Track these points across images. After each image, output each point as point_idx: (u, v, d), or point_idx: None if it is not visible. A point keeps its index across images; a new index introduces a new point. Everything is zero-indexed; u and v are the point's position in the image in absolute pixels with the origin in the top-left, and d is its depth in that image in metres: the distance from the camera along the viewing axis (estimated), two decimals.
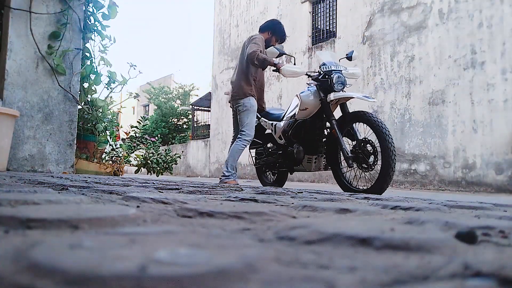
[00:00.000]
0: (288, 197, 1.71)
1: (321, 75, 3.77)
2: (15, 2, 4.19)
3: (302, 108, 3.86)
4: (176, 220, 0.86)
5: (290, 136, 4.01)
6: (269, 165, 4.48)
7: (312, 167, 3.95)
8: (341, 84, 3.68)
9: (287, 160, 4.10)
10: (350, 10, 9.75)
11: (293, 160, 3.99)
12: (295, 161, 3.98)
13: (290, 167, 4.13)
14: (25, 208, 0.83)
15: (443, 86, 7.63)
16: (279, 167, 4.33)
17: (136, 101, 24.01)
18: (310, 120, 3.88)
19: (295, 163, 4.00)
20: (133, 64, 5.41)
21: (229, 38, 14.29)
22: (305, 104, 3.83)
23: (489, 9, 7.05)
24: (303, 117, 3.91)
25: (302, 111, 3.86)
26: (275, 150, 4.34)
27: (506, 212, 1.31)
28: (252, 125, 4.12)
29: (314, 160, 3.93)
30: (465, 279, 0.43)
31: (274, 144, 4.42)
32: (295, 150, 3.95)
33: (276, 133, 4.23)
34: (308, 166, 3.96)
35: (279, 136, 4.19)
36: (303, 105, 3.85)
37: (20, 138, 4.15)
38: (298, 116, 3.92)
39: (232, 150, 4.11)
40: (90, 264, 0.39)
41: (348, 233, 0.62)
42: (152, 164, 5.26)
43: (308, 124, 3.89)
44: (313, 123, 3.87)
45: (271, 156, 4.38)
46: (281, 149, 4.23)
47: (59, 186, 1.75)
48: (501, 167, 6.69)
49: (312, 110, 3.82)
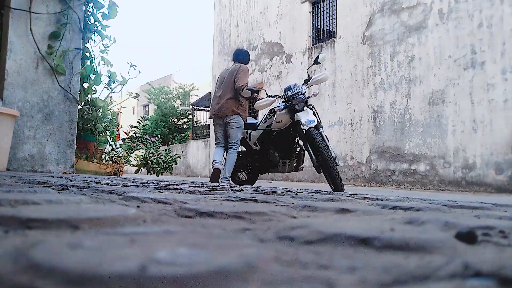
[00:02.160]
0: (288, 197, 1.71)
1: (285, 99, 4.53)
2: (15, 2, 4.19)
3: (278, 121, 4.58)
4: (176, 220, 0.86)
5: (269, 143, 4.72)
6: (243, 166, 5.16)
7: (286, 169, 4.75)
8: (302, 104, 4.37)
9: (264, 163, 4.83)
10: (350, 10, 9.76)
11: (270, 163, 4.72)
12: (272, 164, 4.71)
13: (266, 169, 4.84)
14: (25, 208, 0.83)
15: (443, 86, 7.63)
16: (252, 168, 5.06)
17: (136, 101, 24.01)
18: (285, 130, 4.61)
19: (271, 165, 4.74)
20: (133, 64, 5.41)
21: (229, 38, 14.29)
22: (280, 118, 4.56)
23: (489, 9, 7.05)
24: (278, 128, 4.64)
25: (278, 123, 4.60)
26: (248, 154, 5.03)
27: (506, 212, 1.31)
28: (239, 139, 4.85)
29: (288, 163, 4.72)
30: (465, 279, 0.43)
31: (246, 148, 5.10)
32: (272, 155, 4.68)
33: (251, 140, 4.95)
34: (283, 169, 4.75)
35: (254, 143, 4.92)
36: (278, 118, 4.58)
37: (20, 138, 4.15)
38: (274, 127, 4.65)
39: (229, 159, 4.77)
40: (90, 264, 0.39)
41: (348, 233, 0.62)
42: (152, 164, 5.26)
43: (283, 134, 4.62)
44: (287, 133, 4.61)
45: (245, 159, 5.04)
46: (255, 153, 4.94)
47: (59, 186, 1.75)
48: (501, 167, 6.69)
49: (286, 123, 4.54)
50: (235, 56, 5.23)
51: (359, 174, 9.11)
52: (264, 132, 4.77)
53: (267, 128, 4.74)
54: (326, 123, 10.08)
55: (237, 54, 5.23)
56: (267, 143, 4.73)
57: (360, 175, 9.08)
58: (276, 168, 4.73)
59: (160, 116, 20.25)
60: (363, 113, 9.16)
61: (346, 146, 9.50)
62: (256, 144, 4.90)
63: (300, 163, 4.84)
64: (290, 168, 4.75)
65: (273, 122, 4.64)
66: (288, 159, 4.69)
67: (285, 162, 4.70)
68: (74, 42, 4.59)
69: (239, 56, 5.18)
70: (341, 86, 9.80)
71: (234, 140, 4.78)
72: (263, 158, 4.80)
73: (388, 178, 8.44)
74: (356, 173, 9.18)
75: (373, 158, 8.80)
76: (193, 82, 22.20)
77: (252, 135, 4.93)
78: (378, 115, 8.80)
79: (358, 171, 9.14)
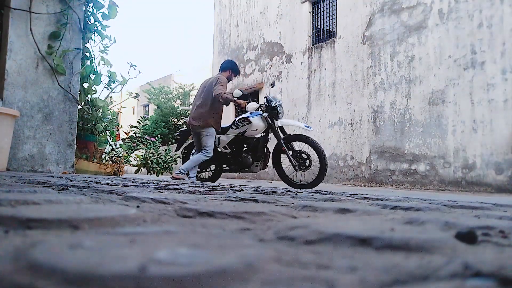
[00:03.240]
0: (288, 197, 1.72)
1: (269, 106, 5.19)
2: (15, 2, 4.19)
3: (253, 129, 5.22)
4: (176, 220, 0.86)
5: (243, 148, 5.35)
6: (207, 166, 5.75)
7: (258, 169, 5.39)
8: (282, 114, 5.28)
9: (236, 165, 5.40)
10: (350, 10, 9.75)
11: (243, 165, 5.32)
12: (244, 165, 5.31)
13: (237, 170, 5.43)
14: (25, 208, 0.83)
15: (443, 86, 7.63)
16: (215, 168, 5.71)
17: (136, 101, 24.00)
18: (260, 137, 5.28)
19: (244, 167, 5.34)
20: (133, 64, 5.41)
21: (229, 38, 14.29)
22: (256, 126, 5.21)
23: (489, 9, 7.05)
24: (252, 135, 5.28)
25: (253, 131, 5.23)
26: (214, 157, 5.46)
27: (506, 212, 1.31)
28: (212, 145, 5.28)
29: (259, 164, 5.36)
30: (465, 279, 0.43)
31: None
32: (245, 158, 5.27)
33: (220, 144, 5.46)
34: (255, 169, 5.36)
35: (224, 146, 5.46)
36: (254, 127, 5.21)
37: (20, 138, 4.15)
38: (248, 134, 5.27)
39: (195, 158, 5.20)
40: (90, 264, 0.39)
41: (348, 233, 0.62)
42: (152, 164, 5.27)
43: (258, 140, 5.29)
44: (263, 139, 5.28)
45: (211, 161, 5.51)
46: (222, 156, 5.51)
47: (59, 186, 1.75)
48: (501, 167, 6.69)
49: (260, 130, 5.25)
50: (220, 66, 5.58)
51: (359, 174, 9.11)
52: (236, 138, 5.36)
53: (239, 134, 5.33)
54: (326, 123, 10.08)
55: (221, 64, 5.59)
56: (241, 147, 5.37)
57: (360, 175, 9.08)
58: (249, 168, 5.36)
59: (160, 116, 20.24)
60: (363, 113, 9.16)
61: (346, 146, 9.50)
62: (226, 148, 5.47)
63: (267, 162, 5.50)
64: (259, 168, 5.42)
65: (248, 129, 5.24)
66: (259, 161, 5.35)
67: (257, 164, 5.34)
68: (74, 42, 4.59)
69: (221, 66, 5.54)
70: (341, 86, 9.80)
71: (207, 145, 5.22)
72: (235, 160, 5.40)
73: (388, 178, 8.45)
74: (356, 173, 9.18)
75: (373, 158, 8.80)
76: (193, 82, 22.17)
77: (221, 140, 5.46)
78: (378, 115, 8.80)
79: (358, 171, 9.14)
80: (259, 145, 5.27)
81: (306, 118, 10.68)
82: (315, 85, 10.51)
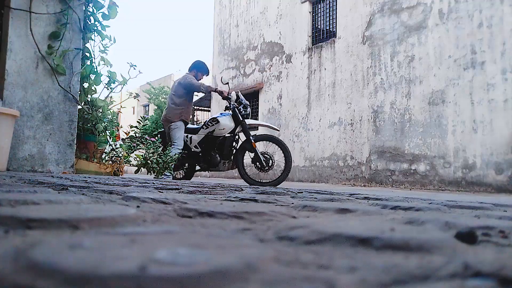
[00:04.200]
0: (288, 197, 1.72)
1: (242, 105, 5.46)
2: (15, 2, 4.19)
3: (221, 128, 5.40)
4: (176, 220, 0.86)
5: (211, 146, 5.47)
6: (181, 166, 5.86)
7: (226, 168, 5.51)
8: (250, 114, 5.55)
9: (206, 163, 5.53)
10: (350, 10, 9.76)
11: (212, 164, 5.44)
12: (213, 164, 5.43)
13: (207, 168, 5.54)
14: (25, 208, 0.83)
15: (443, 86, 7.63)
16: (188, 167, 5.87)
17: (136, 101, 23.99)
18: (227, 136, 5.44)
19: (213, 165, 5.45)
20: (133, 64, 5.40)
21: (229, 38, 14.29)
22: (223, 125, 5.40)
23: (489, 9, 7.05)
24: (220, 134, 5.43)
25: (221, 130, 5.40)
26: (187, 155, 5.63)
27: (506, 212, 1.31)
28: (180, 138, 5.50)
29: (227, 163, 5.49)
30: (465, 279, 0.43)
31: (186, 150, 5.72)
32: (213, 157, 5.41)
33: (191, 143, 5.62)
34: (223, 168, 5.50)
35: (195, 146, 5.60)
36: (221, 126, 5.39)
37: (20, 138, 4.15)
38: (216, 133, 5.43)
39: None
40: (90, 264, 0.39)
41: (348, 233, 0.62)
42: (152, 164, 5.27)
43: (224, 139, 5.44)
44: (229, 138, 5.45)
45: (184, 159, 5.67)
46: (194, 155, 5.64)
47: (59, 186, 1.75)
48: (501, 167, 6.69)
49: (228, 130, 5.41)
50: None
51: (359, 174, 9.11)
52: (206, 137, 5.53)
53: (209, 134, 5.51)
54: (326, 123, 10.08)
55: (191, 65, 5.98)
56: (210, 147, 5.51)
57: (360, 175, 9.08)
58: (217, 167, 5.50)
59: (160, 116, 20.24)
60: (363, 113, 9.16)
61: (346, 146, 9.50)
62: (196, 147, 5.62)
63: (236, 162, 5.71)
64: (228, 167, 5.54)
65: (216, 129, 5.42)
66: (227, 160, 5.48)
67: (225, 163, 5.49)
68: (74, 42, 4.59)
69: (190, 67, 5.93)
70: (341, 86, 9.80)
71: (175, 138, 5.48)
72: (205, 159, 5.54)
73: (388, 178, 8.44)
74: (356, 173, 9.18)
75: (373, 158, 8.80)
76: None
77: (193, 139, 5.63)
78: (378, 115, 8.80)
79: (358, 171, 9.14)
80: (226, 144, 5.43)
81: (306, 118, 10.68)
82: (315, 85, 10.51)
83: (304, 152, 10.59)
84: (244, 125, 5.37)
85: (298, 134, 10.85)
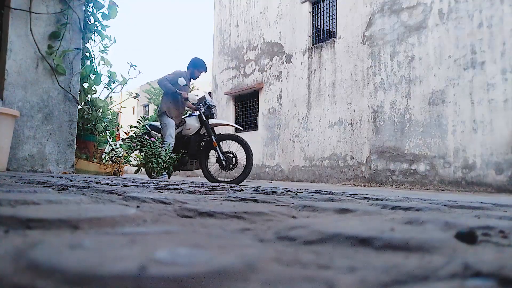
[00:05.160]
0: (288, 197, 1.72)
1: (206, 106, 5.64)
2: (15, 2, 4.19)
3: (187, 128, 5.65)
4: (176, 220, 0.86)
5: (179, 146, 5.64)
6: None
7: (194, 167, 5.70)
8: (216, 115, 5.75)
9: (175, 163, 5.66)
10: (350, 10, 9.75)
11: (181, 163, 5.56)
12: (182, 163, 5.58)
13: (177, 167, 5.64)
14: (25, 208, 0.83)
15: (443, 86, 7.63)
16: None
17: (136, 101, 23.99)
18: (193, 136, 5.66)
19: (181, 164, 5.59)
20: (133, 64, 5.41)
21: (229, 38, 14.29)
22: (189, 125, 5.65)
23: (489, 9, 7.05)
24: (187, 134, 5.67)
25: (187, 130, 5.66)
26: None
27: (506, 212, 1.31)
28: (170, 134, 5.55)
29: (194, 163, 5.68)
30: (465, 279, 0.43)
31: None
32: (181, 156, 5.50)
33: None
34: (191, 167, 5.69)
35: None
36: (188, 126, 5.65)
37: (20, 138, 4.15)
38: (184, 133, 5.68)
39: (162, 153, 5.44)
40: (90, 264, 0.39)
41: (348, 233, 0.62)
42: (152, 164, 5.27)
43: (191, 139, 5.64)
44: (194, 138, 5.65)
45: None
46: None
47: (59, 186, 1.75)
48: (501, 167, 6.69)
49: (194, 130, 5.66)
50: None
51: (359, 174, 9.11)
52: (176, 137, 5.69)
53: (178, 133, 5.71)
54: (326, 123, 10.08)
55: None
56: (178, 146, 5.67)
57: (360, 175, 9.07)
58: (185, 166, 5.64)
59: None
60: (363, 113, 9.16)
61: (346, 146, 9.50)
62: None
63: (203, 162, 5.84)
64: (196, 167, 5.70)
65: (183, 129, 5.67)
66: (195, 159, 5.65)
67: (193, 162, 5.66)
68: (74, 42, 4.59)
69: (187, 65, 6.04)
70: (341, 86, 9.80)
71: (165, 135, 5.58)
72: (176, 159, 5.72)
73: (388, 178, 8.45)
74: (356, 173, 9.18)
75: (373, 158, 8.80)
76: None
77: None
78: (378, 115, 8.80)
79: (358, 171, 9.14)
80: (191, 143, 5.60)
81: (306, 118, 10.68)
82: (315, 85, 10.51)
83: (304, 152, 10.59)
84: (207, 124, 5.52)
85: (298, 134, 10.85)
